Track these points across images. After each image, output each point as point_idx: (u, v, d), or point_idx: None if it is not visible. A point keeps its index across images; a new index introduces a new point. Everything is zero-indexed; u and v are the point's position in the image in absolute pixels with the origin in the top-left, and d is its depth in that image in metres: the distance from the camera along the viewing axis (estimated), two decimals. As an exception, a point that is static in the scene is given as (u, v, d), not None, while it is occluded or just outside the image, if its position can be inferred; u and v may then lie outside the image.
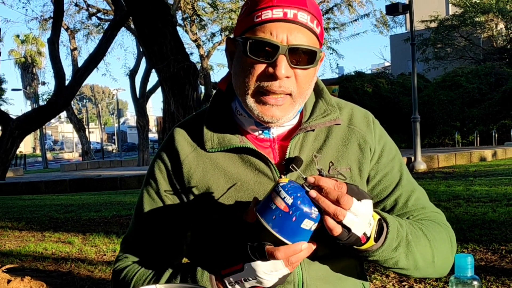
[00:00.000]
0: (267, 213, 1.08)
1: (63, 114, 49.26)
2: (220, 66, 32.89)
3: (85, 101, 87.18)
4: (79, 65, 22.55)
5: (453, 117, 26.58)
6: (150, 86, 30.11)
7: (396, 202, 1.37)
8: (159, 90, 24.15)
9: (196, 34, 26.48)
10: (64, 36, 30.37)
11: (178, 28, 20.96)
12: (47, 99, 29.19)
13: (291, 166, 1.16)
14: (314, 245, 1.13)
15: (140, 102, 28.86)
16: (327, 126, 1.36)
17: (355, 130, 1.38)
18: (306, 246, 1.10)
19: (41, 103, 40.64)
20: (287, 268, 1.14)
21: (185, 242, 1.40)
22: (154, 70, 10.31)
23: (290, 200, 1.06)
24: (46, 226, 7.66)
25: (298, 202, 1.07)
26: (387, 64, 50.99)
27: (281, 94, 1.23)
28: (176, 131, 1.40)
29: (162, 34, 8.53)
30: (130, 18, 16.10)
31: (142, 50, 25.21)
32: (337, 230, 1.09)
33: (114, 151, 68.17)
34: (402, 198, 1.37)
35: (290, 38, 1.19)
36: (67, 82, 18.05)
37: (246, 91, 1.25)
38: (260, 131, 1.34)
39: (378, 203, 1.38)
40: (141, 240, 1.39)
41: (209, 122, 1.36)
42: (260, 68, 1.21)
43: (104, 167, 30.09)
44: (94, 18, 27.99)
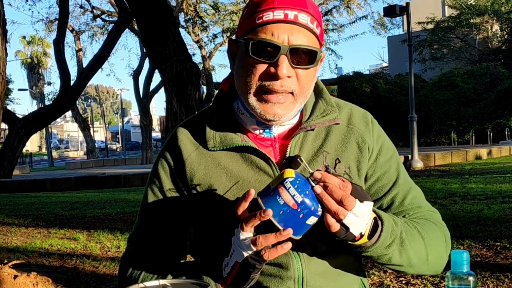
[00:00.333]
0: (274, 207, 1.06)
1: (69, 114, 49.13)
2: (221, 67, 32.88)
3: (90, 100, 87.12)
4: (84, 65, 22.58)
5: (449, 116, 26.57)
6: (153, 86, 30.17)
7: (392, 200, 1.37)
8: (162, 90, 24.12)
9: (198, 35, 26.46)
10: (69, 37, 30.53)
11: (181, 29, 20.92)
12: (53, 99, 29.20)
13: (299, 159, 1.15)
14: (287, 231, 1.07)
15: (143, 102, 28.88)
16: (327, 125, 1.36)
17: (354, 129, 1.38)
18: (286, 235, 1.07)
19: (47, 103, 40.67)
20: (254, 248, 1.09)
21: (188, 238, 1.40)
22: (157, 71, 10.30)
23: (299, 198, 1.05)
24: (52, 223, 7.66)
25: (307, 200, 1.06)
26: (385, 64, 50.93)
27: (282, 93, 1.23)
28: (179, 131, 1.40)
29: (165, 36, 8.53)
30: (134, 19, 16.10)
31: (145, 51, 25.24)
32: (335, 227, 1.09)
33: (118, 150, 68.07)
34: (399, 197, 1.37)
35: (291, 39, 1.19)
36: (72, 82, 18.07)
37: (248, 90, 1.24)
38: (261, 130, 1.34)
39: (375, 202, 1.38)
40: (146, 236, 1.39)
41: (211, 121, 1.36)
42: (262, 68, 1.21)
43: (108, 165, 30.11)
44: (98, 19, 28.02)
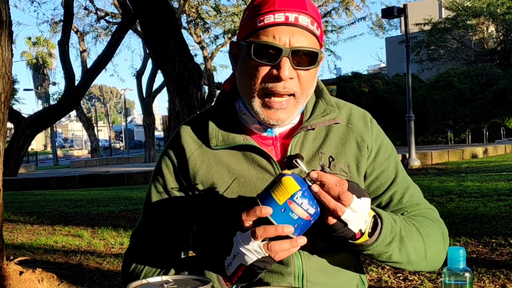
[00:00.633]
0: (288, 222, 1.06)
1: (73, 113, 49.21)
2: (223, 67, 32.96)
3: (94, 100, 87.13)
4: (88, 66, 22.53)
5: (446, 116, 26.56)
6: (156, 86, 30.12)
7: (391, 198, 1.37)
8: (165, 90, 24.13)
9: (200, 36, 26.44)
10: (74, 38, 30.54)
11: (183, 30, 20.92)
12: (58, 99, 29.23)
13: (294, 161, 1.15)
14: (302, 239, 1.08)
15: (146, 102, 28.87)
16: (327, 125, 1.36)
17: (354, 129, 1.38)
18: (287, 231, 1.06)
19: (51, 103, 40.65)
20: (267, 253, 1.09)
21: (191, 235, 1.40)
22: (160, 71, 10.30)
23: (312, 210, 1.07)
24: (57, 220, 7.67)
25: (318, 209, 1.08)
26: (383, 65, 50.89)
27: (285, 97, 1.23)
28: (182, 129, 1.40)
29: (167, 37, 8.52)
30: (137, 21, 16.09)
31: (148, 52, 25.21)
32: (332, 221, 1.10)
33: (122, 149, 68.15)
34: (397, 194, 1.37)
35: (292, 41, 1.19)
36: (77, 83, 18.04)
37: (251, 93, 1.24)
38: (263, 130, 1.34)
39: (374, 199, 1.38)
40: (149, 233, 1.39)
41: (213, 120, 1.36)
42: (264, 70, 1.21)
43: (112, 164, 30.14)
44: (102, 21, 27.97)
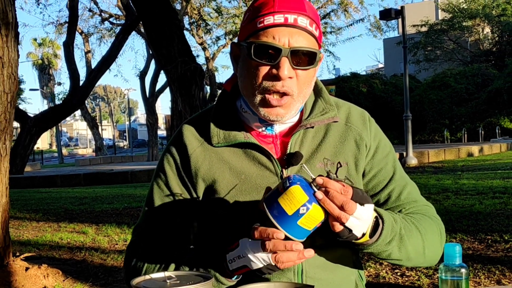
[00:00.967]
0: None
1: (78, 113, 49.26)
2: (224, 68, 32.81)
3: (98, 100, 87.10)
4: (93, 66, 22.54)
5: (442, 115, 26.56)
6: (159, 86, 30.09)
7: (389, 195, 1.37)
8: (168, 90, 24.16)
9: (202, 37, 26.43)
10: (78, 39, 30.33)
11: (185, 32, 20.89)
12: (63, 99, 29.24)
13: (302, 167, 1.16)
14: (309, 252, 1.09)
15: (149, 101, 28.85)
16: (326, 123, 1.36)
17: (352, 127, 1.38)
18: (295, 248, 1.06)
19: (57, 102, 40.62)
20: (274, 263, 1.08)
21: (192, 231, 1.40)
22: (162, 72, 10.30)
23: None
24: (62, 217, 7.68)
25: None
26: (381, 65, 50.88)
27: (283, 96, 1.23)
28: (184, 127, 1.40)
29: (170, 38, 8.52)
30: (140, 23, 16.09)
31: (151, 52, 25.21)
32: (338, 228, 1.09)
33: (125, 147, 68.13)
34: (395, 192, 1.37)
35: (291, 41, 1.20)
36: (81, 83, 18.06)
37: (253, 92, 1.25)
38: (263, 128, 1.34)
39: (373, 197, 1.38)
40: (151, 229, 1.39)
41: (215, 119, 1.36)
42: (264, 70, 1.22)
43: (116, 162, 30.10)
44: (106, 22, 27.94)
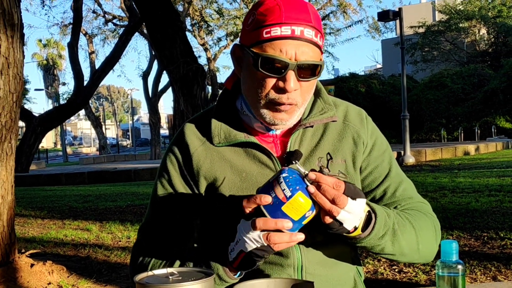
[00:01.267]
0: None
1: (82, 112, 49.24)
2: (225, 68, 32.91)
3: (102, 100, 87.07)
4: (97, 67, 22.56)
5: (439, 114, 26.54)
6: (161, 86, 30.08)
7: (385, 192, 1.38)
8: (170, 90, 24.12)
9: (203, 38, 26.43)
10: (82, 40, 30.41)
11: (187, 33, 20.89)
12: (67, 99, 29.21)
13: (294, 162, 1.15)
14: (300, 235, 1.08)
15: (152, 101, 28.85)
16: (324, 122, 1.37)
17: (350, 125, 1.39)
18: (286, 226, 1.06)
19: (61, 102, 40.62)
20: (266, 243, 1.08)
21: (195, 228, 1.41)
22: (165, 72, 10.31)
23: (288, 193, 1.06)
24: (66, 215, 7.68)
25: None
26: (379, 66, 50.86)
27: (287, 105, 1.24)
28: (186, 127, 1.40)
29: (172, 39, 8.53)
30: (143, 24, 16.08)
31: (154, 53, 25.19)
32: (328, 220, 1.10)
33: (129, 146, 68.15)
34: (391, 188, 1.38)
35: (298, 54, 1.19)
36: (86, 83, 18.04)
37: (258, 101, 1.25)
38: (264, 128, 1.34)
39: (369, 193, 1.38)
40: (156, 227, 1.39)
41: (216, 118, 1.36)
42: (270, 82, 1.22)
43: (119, 161, 30.07)
44: (110, 24, 27.97)
